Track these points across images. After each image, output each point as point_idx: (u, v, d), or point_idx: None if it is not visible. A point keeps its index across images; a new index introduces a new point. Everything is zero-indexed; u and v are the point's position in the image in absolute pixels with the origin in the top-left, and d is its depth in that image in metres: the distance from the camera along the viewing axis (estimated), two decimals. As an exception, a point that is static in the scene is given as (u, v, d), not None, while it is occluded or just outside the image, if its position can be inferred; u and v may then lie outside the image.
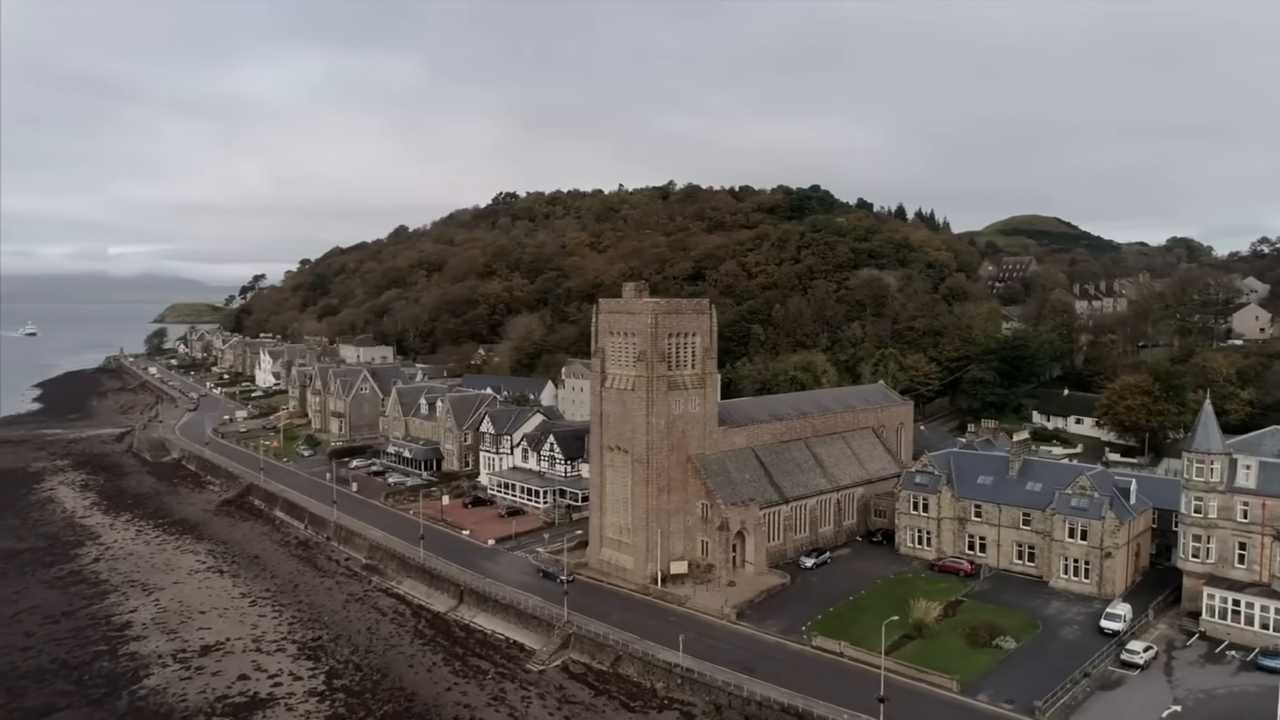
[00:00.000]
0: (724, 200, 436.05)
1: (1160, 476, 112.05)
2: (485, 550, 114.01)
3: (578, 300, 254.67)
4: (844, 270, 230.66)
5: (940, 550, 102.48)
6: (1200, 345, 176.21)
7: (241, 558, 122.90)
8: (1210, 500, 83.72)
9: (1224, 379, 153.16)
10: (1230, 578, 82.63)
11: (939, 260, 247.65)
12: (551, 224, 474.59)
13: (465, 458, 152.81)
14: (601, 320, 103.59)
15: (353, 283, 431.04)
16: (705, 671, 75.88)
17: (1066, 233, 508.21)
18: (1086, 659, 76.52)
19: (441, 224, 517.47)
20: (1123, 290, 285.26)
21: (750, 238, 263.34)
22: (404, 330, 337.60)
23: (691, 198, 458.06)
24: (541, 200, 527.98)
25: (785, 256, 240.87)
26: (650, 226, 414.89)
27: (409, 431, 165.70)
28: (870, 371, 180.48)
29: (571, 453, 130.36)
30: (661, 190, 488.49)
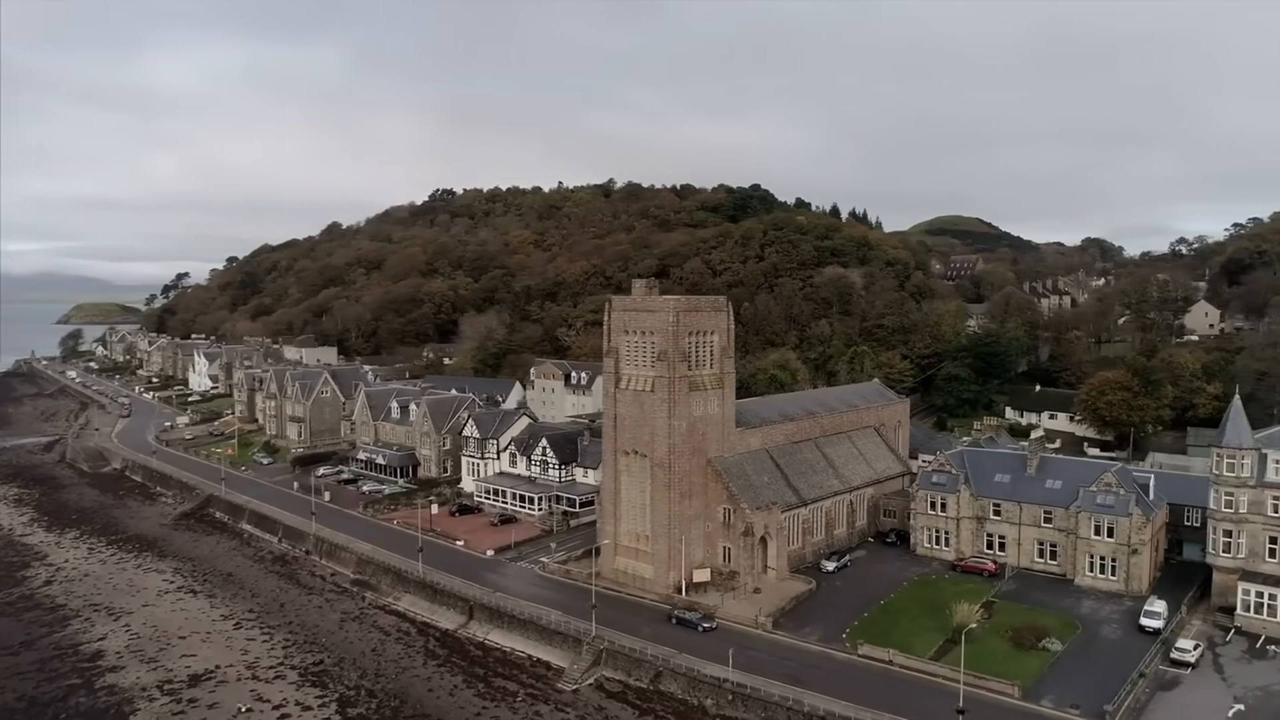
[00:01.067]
0: (667, 198, 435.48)
1: (1162, 471, 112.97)
2: (486, 561, 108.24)
3: (539, 299, 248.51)
4: (808, 268, 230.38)
5: (959, 550, 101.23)
6: (1161, 341, 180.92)
7: (213, 576, 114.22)
8: (1241, 495, 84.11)
9: (1190, 374, 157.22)
10: (1262, 572, 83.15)
11: (897, 258, 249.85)
12: (492, 221, 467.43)
13: (444, 463, 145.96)
14: (616, 318, 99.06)
15: (286, 281, 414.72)
16: (757, 685, 72.33)
17: (989, 233, 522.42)
18: (1135, 659, 75.81)
19: (377, 221, 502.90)
20: (1067, 289, 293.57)
21: (714, 235, 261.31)
22: (345, 330, 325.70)
23: (634, 196, 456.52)
24: (480, 197, 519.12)
25: (749, 254, 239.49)
26: (594, 224, 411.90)
27: (379, 437, 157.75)
28: (846, 370, 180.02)
29: (565, 457, 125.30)
30: (603, 188, 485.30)
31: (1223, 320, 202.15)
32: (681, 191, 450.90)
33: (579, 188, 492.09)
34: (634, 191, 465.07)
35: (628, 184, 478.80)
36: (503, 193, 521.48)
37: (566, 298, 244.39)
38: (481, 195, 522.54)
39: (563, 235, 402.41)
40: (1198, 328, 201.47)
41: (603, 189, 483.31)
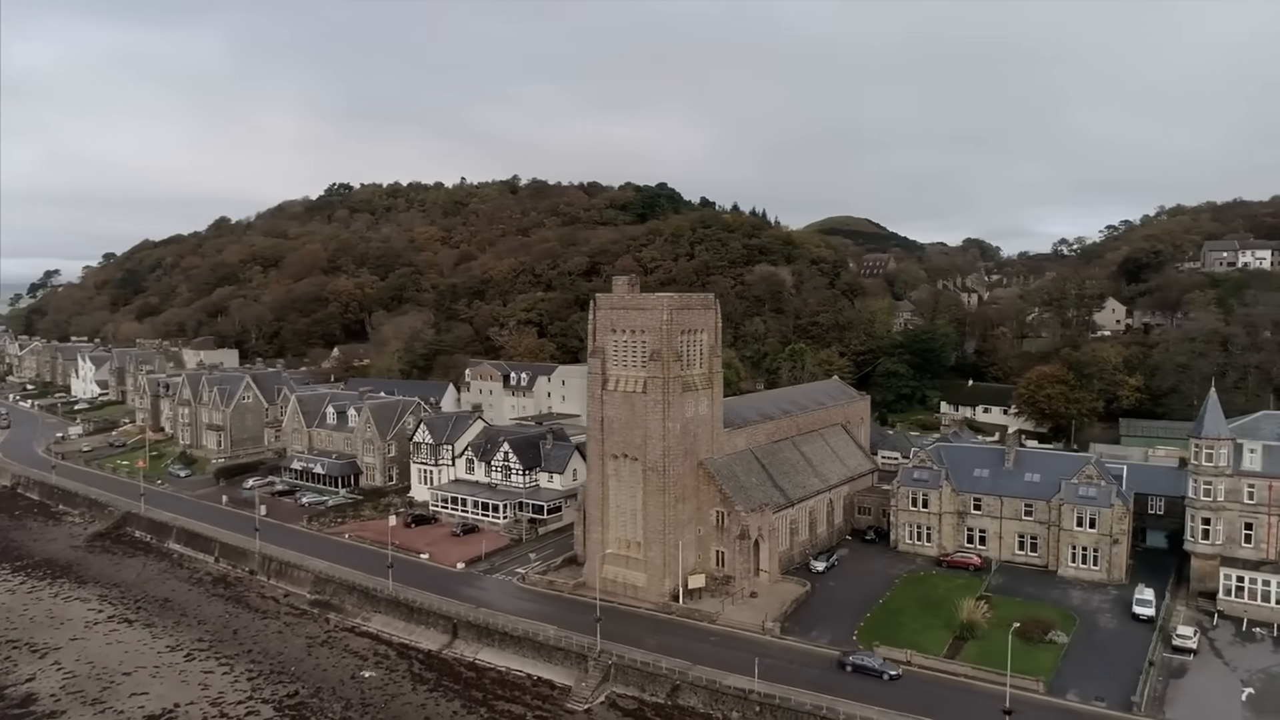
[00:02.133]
0: (576, 196, 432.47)
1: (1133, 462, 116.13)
2: (457, 575, 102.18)
3: (465, 297, 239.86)
4: (738, 266, 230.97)
5: (941, 546, 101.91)
6: (1080, 337, 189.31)
7: (147, 602, 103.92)
8: (1218, 484, 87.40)
9: (1112, 367, 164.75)
10: (1239, 557, 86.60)
11: (821, 257, 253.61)
12: (395, 218, 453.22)
13: (389, 471, 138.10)
14: (602, 317, 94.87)
15: (174, 279, 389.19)
16: (786, 695, 69.97)
17: (878, 233, 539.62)
18: (1139, 648, 77.61)
19: (270, 216, 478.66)
20: (974, 287, 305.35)
21: (644, 232, 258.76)
22: (244, 331, 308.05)
23: (541, 193, 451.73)
24: (380, 193, 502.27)
25: (680, 252, 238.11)
26: (503, 221, 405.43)
27: (313, 445, 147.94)
28: (788, 368, 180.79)
29: (529, 462, 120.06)
30: (509, 184, 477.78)
31: (1129, 316, 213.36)
32: (589, 189, 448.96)
33: (483, 184, 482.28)
34: (540, 188, 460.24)
35: (533, 181, 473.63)
36: (404, 188, 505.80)
37: (495, 296, 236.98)
38: (381, 190, 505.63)
39: (471, 232, 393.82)
40: (1106, 324, 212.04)
41: (508, 185, 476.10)
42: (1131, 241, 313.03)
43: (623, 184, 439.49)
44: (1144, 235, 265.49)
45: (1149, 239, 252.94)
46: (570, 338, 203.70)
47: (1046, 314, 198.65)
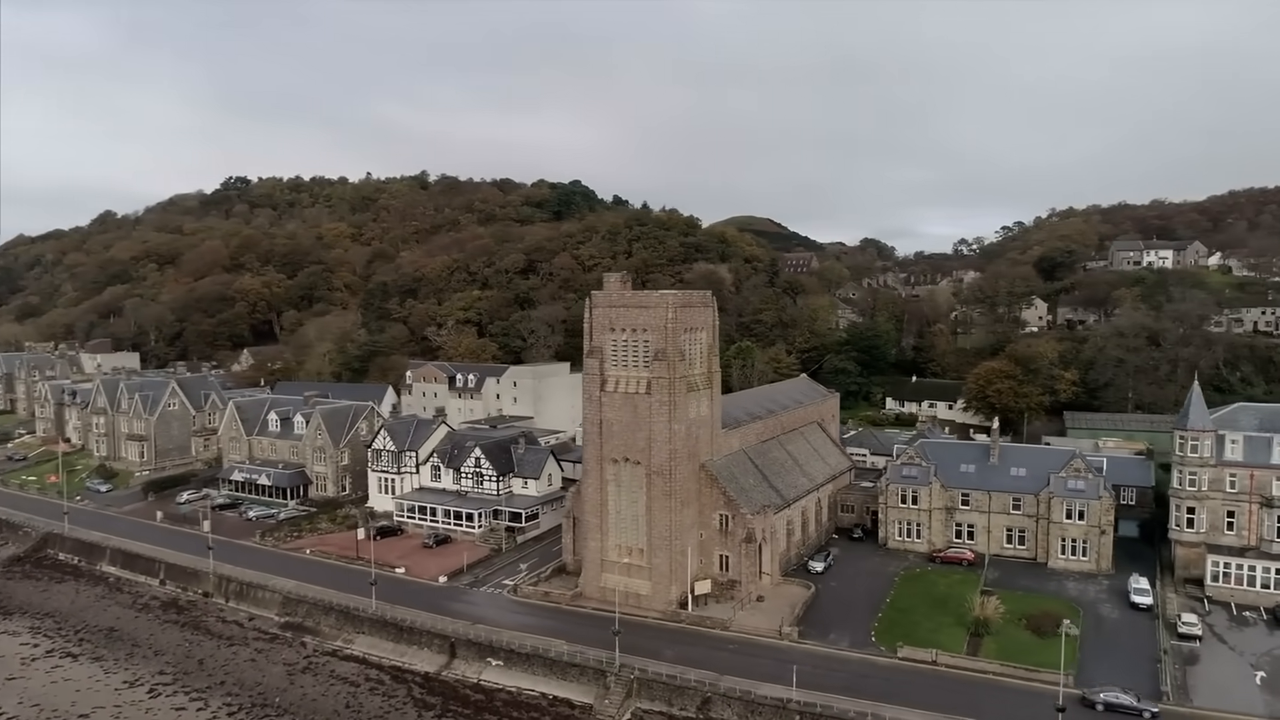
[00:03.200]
0: (490, 193, 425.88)
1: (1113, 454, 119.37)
2: (441, 590, 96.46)
3: (398, 296, 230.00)
4: (676, 264, 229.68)
5: (931, 542, 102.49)
6: (1011, 333, 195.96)
7: (90, 633, 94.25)
8: (1202, 474, 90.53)
9: (1049, 362, 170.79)
10: (1223, 544, 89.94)
11: (754, 255, 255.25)
12: (300, 213, 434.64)
13: (343, 480, 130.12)
14: (599, 315, 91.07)
15: (56, 278, 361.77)
16: (828, 703, 68.13)
17: (780, 232, 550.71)
18: (1147, 637, 79.47)
19: (161, 210, 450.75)
20: (894, 285, 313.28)
21: (580, 230, 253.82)
22: (142, 332, 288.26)
23: (454, 189, 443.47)
24: (281, 187, 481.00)
25: (618, 250, 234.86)
26: (416, 217, 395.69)
27: (253, 454, 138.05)
28: (738, 366, 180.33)
29: (502, 468, 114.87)
30: (419, 180, 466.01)
31: (1050, 313, 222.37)
32: (503, 186, 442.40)
33: (391, 179, 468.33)
34: (452, 185, 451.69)
35: (443, 177, 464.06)
36: (307, 182, 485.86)
37: (429, 294, 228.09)
38: (282, 185, 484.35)
39: (383, 229, 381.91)
40: (1030, 321, 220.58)
41: (418, 181, 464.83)
42: (1028, 242, 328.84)
43: (536, 181, 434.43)
44: (1054, 236, 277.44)
45: (1064, 239, 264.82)
46: (512, 337, 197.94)
47: (979, 311, 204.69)
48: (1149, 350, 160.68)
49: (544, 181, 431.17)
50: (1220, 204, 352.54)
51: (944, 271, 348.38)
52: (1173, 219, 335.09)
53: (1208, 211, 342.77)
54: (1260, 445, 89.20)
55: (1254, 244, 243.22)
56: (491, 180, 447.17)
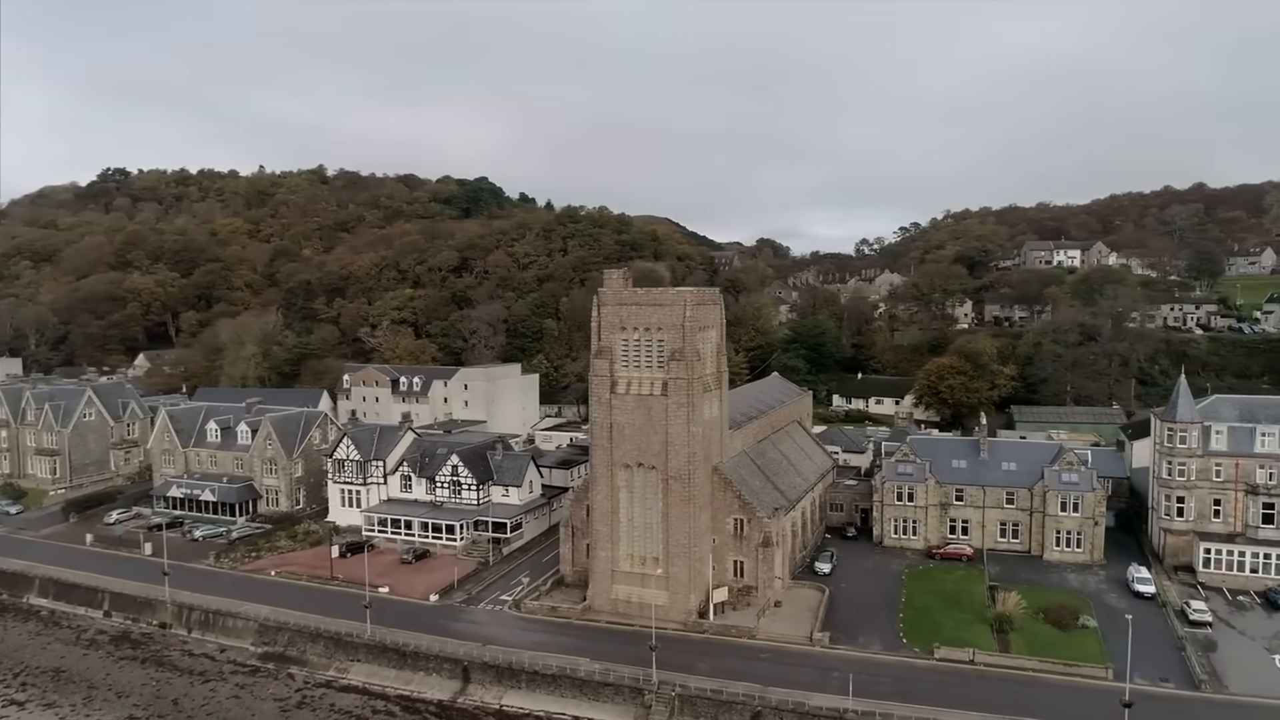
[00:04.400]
0: (395, 188, 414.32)
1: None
2: (435, 609, 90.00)
3: (323, 295, 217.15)
4: (612, 262, 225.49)
5: (928, 539, 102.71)
6: (947, 329, 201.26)
7: (32, 676, 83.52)
8: (1190, 464, 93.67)
9: (988, 358, 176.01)
10: (1211, 531, 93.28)
11: (686, 253, 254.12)
12: (189, 207, 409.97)
13: (297, 494, 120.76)
14: (608, 314, 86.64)
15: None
16: (887, 711, 66.22)
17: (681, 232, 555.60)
18: (1162, 626, 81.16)
19: (30, 204, 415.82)
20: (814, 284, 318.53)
21: (513, 227, 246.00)
22: (19, 335, 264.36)
23: (356, 184, 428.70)
24: (166, 179, 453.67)
25: (553, 247, 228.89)
26: (318, 213, 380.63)
27: (189, 467, 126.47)
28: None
29: (482, 475, 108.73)
30: (318, 174, 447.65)
31: (975, 311, 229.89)
32: (408, 181, 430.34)
33: (287, 173, 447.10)
34: (354, 180, 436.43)
35: (342, 171, 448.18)
36: (194, 175, 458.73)
37: (359, 293, 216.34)
38: (167, 177, 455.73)
39: (283, 225, 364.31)
40: (959, 318, 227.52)
41: (317, 175, 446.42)
42: (929, 243, 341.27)
43: (441, 177, 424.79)
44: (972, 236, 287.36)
45: (980, 239, 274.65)
46: (453, 338, 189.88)
47: (914, 308, 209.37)
48: (1086, 346, 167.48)
49: (450, 178, 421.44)
50: (1106, 207, 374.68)
51: (850, 270, 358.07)
52: (1066, 221, 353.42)
53: (1096, 214, 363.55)
54: (1243, 435, 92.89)
55: (1154, 245, 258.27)
56: (395, 176, 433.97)
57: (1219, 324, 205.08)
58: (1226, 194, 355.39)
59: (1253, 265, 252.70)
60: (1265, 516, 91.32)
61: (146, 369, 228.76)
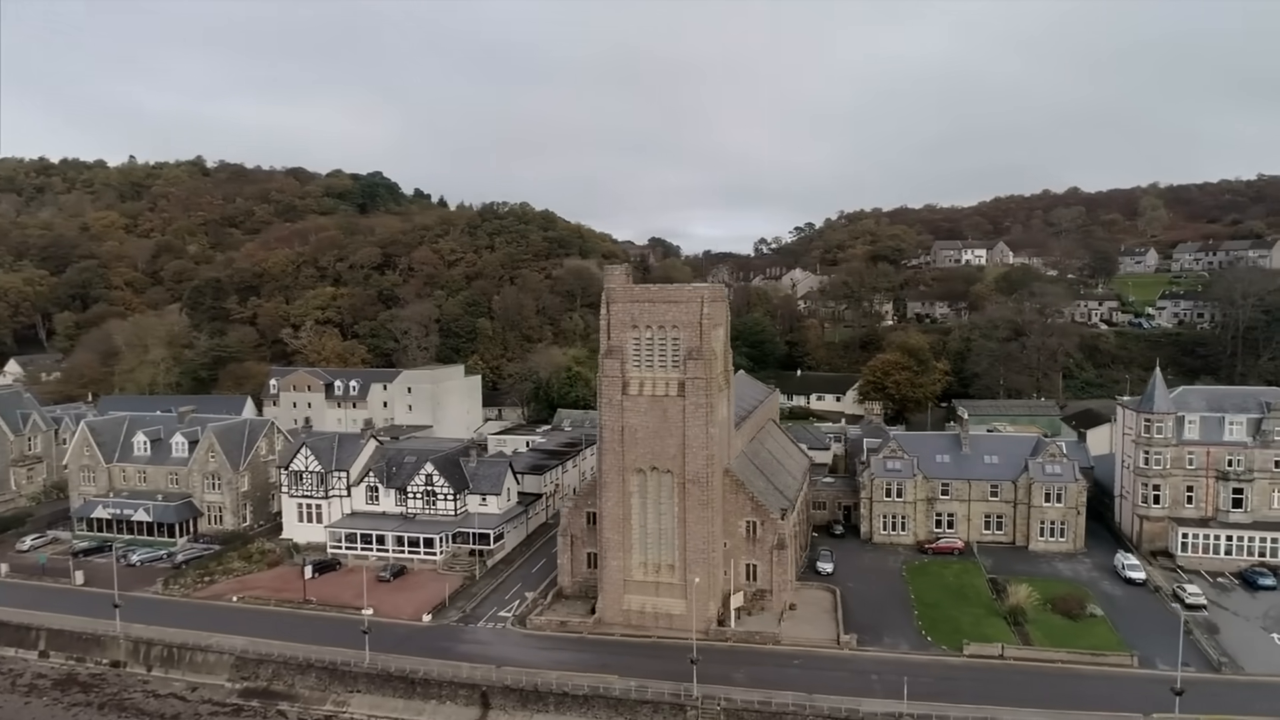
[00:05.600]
0: (285, 182, 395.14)
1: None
2: (433, 630, 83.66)
3: (235, 294, 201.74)
4: (541, 260, 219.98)
5: (916, 534, 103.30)
6: (874, 327, 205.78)
7: (-32, 731, 72.49)
8: (1165, 453, 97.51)
9: (927, 354, 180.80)
10: (1185, 517, 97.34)
11: (611, 251, 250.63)
12: (53, 199, 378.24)
13: (243, 510, 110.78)
14: (619, 311, 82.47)
15: None
16: (944, 713, 65.15)
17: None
18: (1163, 611, 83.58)
19: None
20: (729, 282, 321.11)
21: (435, 222, 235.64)
22: None
23: (242, 177, 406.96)
24: (25, 168, 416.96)
25: (480, 244, 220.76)
26: (203, 207, 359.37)
27: (114, 484, 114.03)
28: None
29: (458, 484, 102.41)
30: (198, 166, 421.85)
31: (895, 308, 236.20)
32: (298, 175, 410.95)
33: (164, 164, 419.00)
34: (239, 172, 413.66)
35: (222, 163, 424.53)
36: (56, 165, 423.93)
37: (275, 292, 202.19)
38: (25, 166, 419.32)
39: (163, 219, 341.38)
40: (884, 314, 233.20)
41: (197, 167, 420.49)
42: (828, 243, 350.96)
43: (333, 170, 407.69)
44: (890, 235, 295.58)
45: (894, 238, 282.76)
46: (383, 338, 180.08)
47: (843, 306, 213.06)
48: (1017, 341, 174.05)
49: (342, 172, 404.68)
50: (994, 209, 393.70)
51: (753, 270, 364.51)
52: (960, 222, 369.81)
53: (986, 215, 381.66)
54: (1213, 424, 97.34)
55: (1054, 245, 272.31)
56: (284, 169, 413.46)
57: (1119, 319, 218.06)
58: (1101, 197, 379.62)
59: (1139, 265, 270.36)
60: (1235, 501, 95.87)
61: (18, 375, 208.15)
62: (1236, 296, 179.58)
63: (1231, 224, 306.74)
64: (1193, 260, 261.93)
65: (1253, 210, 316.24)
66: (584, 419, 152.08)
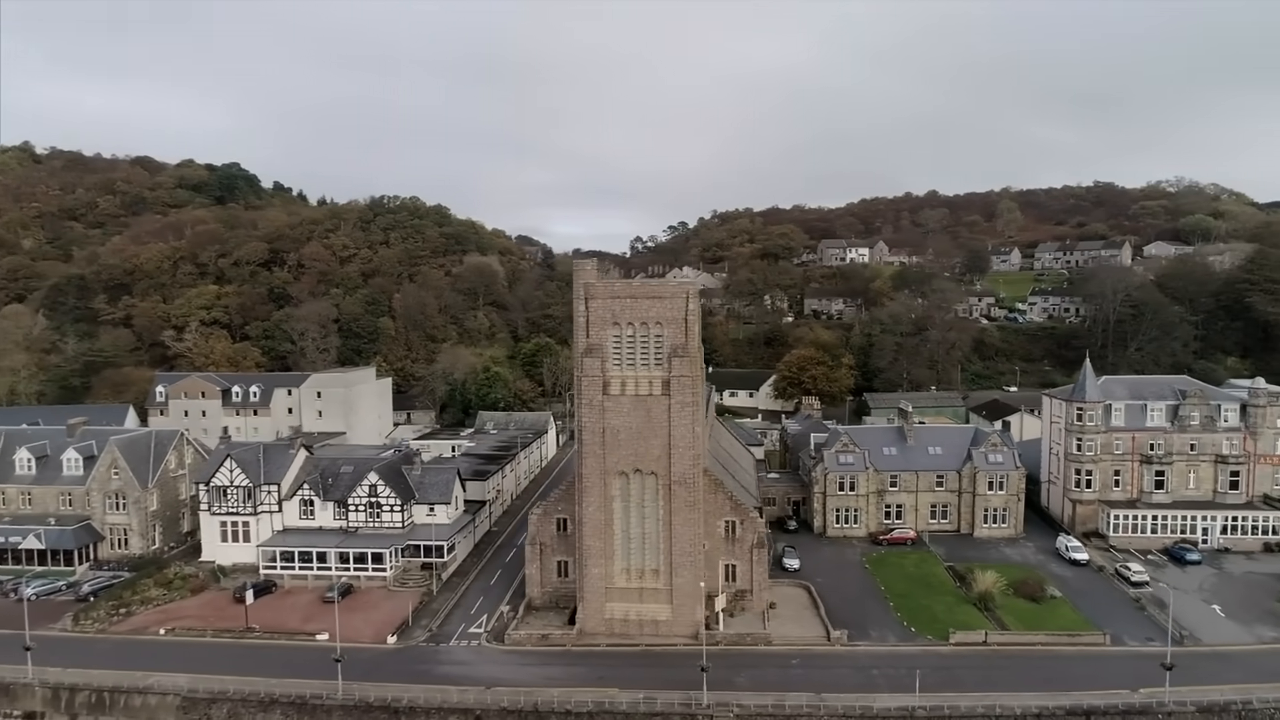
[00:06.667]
0: (133, 172, 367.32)
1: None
2: (402, 653, 77.67)
3: (104, 293, 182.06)
4: (440, 256, 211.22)
5: (868, 526, 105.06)
6: (776, 323, 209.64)
7: None
8: (1096, 440, 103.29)
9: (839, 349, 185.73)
10: (1114, 500, 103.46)
11: (507, 248, 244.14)
12: None
13: (151, 531, 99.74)
14: (598, 308, 79.06)
15: None
16: (954, 704, 65.84)
17: None
18: (1113, 589, 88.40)
19: None
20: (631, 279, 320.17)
21: (325, 216, 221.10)
22: None
23: (80, 165, 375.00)
24: None
25: (374, 239, 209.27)
26: (36, 198, 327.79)
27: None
28: (549, 364, 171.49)
29: (404, 494, 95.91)
30: (26, 152, 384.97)
31: (792, 305, 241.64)
32: (145, 165, 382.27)
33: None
34: (76, 160, 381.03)
35: (54, 150, 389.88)
36: None
37: (150, 290, 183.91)
38: None
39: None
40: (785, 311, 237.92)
41: (25, 153, 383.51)
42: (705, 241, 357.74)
43: (184, 160, 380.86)
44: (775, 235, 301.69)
45: (783, 236, 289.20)
46: (278, 340, 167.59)
47: (746, 304, 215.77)
48: (920, 335, 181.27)
49: (194, 161, 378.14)
50: (865, 210, 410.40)
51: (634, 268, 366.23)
52: (834, 222, 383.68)
53: (858, 215, 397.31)
54: (1137, 411, 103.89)
55: (931, 244, 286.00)
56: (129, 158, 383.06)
57: (997, 314, 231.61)
58: (960, 200, 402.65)
59: (1004, 263, 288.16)
60: (1157, 483, 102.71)
61: None
62: (1108, 292, 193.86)
63: (1078, 226, 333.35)
64: (1053, 259, 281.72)
65: (1095, 213, 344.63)
66: (508, 421, 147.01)
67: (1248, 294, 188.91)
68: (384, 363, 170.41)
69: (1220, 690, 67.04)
